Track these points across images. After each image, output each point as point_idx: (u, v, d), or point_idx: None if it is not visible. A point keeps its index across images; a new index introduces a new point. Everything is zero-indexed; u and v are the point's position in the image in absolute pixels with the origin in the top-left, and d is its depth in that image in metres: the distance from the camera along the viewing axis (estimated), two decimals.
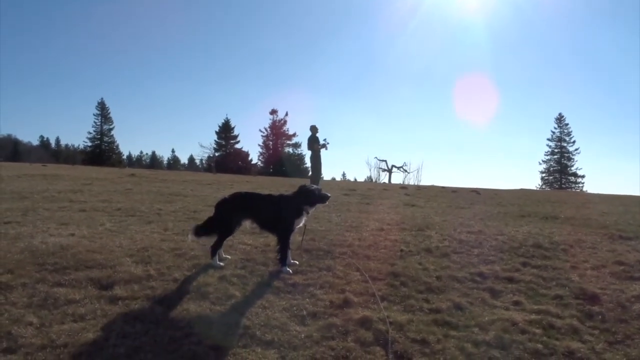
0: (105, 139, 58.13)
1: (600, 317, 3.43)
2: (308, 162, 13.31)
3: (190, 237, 4.31)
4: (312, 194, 4.31)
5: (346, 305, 3.43)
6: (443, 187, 20.76)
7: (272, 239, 4.75)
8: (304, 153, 50.93)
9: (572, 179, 49.91)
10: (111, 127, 58.27)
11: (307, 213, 4.37)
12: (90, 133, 57.62)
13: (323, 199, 4.36)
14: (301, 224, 4.42)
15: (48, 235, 4.97)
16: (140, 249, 4.60)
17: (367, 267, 4.42)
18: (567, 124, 51.39)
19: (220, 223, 4.28)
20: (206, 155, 56.28)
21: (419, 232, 6.18)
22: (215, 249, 4.25)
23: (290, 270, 4.16)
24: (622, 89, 78.46)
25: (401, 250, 5.11)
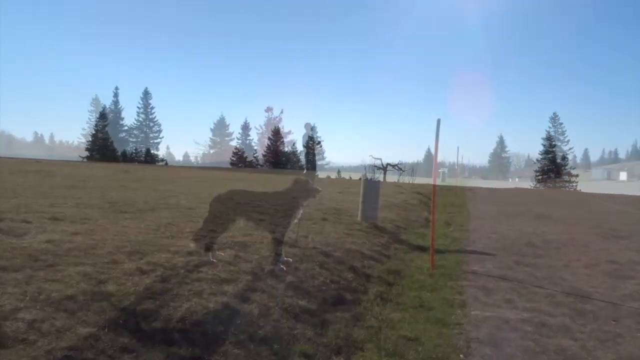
0: (100, 135, 57.76)
1: (591, 315, 3.46)
2: (303, 160, 13.29)
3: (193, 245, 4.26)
4: (306, 186, 4.34)
5: (340, 302, 3.44)
6: (438, 186, 20.84)
7: (266, 236, 4.75)
8: (298, 150, 50.91)
9: (566, 178, 50.20)
10: (105, 123, 57.91)
11: (302, 206, 4.38)
12: (85, 129, 57.31)
13: (315, 192, 4.39)
14: (296, 220, 4.43)
15: (41, 231, 4.93)
16: (133, 245, 4.58)
17: (361, 265, 4.43)
18: (561, 123, 51.73)
19: (215, 220, 4.27)
20: (201, 152, 56.13)
21: (412, 230, 6.20)
22: (209, 245, 4.24)
23: (284, 267, 4.16)
24: (622, 88, 78.95)
25: (395, 248, 5.13)
